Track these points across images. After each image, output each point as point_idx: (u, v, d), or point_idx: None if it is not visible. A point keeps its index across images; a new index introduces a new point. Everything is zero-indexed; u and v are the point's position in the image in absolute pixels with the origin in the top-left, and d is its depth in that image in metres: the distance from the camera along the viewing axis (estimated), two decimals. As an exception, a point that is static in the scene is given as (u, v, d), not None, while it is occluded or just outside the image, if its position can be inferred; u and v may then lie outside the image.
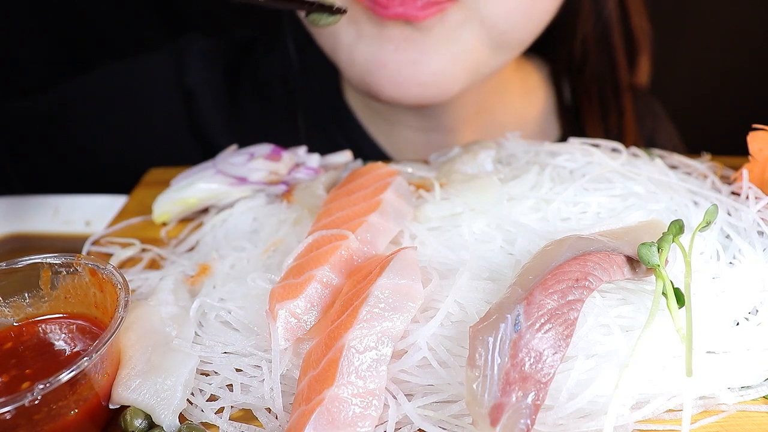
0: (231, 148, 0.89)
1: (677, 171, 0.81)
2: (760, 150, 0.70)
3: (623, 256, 0.54)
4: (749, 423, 0.50)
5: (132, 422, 0.52)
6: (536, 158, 0.80)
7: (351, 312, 0.50)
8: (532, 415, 0.42)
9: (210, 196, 0.82)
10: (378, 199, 0.66)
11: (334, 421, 0.45)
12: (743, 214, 0.66)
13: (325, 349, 0.49)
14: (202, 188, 0.82)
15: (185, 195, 0.82)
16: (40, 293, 0.60)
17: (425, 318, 0.54)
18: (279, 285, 0.58)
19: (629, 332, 0.52)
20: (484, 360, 0.44)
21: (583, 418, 0.48)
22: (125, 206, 0.90)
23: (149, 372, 0.54)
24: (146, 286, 0.70)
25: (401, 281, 0.52)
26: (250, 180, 0.82)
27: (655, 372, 0.50)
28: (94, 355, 0.49)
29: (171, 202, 0.82)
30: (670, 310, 0.49)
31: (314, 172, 0.86)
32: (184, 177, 0.85)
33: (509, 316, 0.46)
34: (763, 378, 0.52)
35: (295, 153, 0.88)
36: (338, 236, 0.61)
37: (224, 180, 0.82)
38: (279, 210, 0.79)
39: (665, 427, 0.49)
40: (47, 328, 0.59)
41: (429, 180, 0.76)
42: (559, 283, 0.48)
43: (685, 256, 0.53)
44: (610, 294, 0.56)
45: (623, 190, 0.70)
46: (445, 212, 0.69)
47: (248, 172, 0.82)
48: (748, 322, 0.55)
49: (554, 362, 0.44)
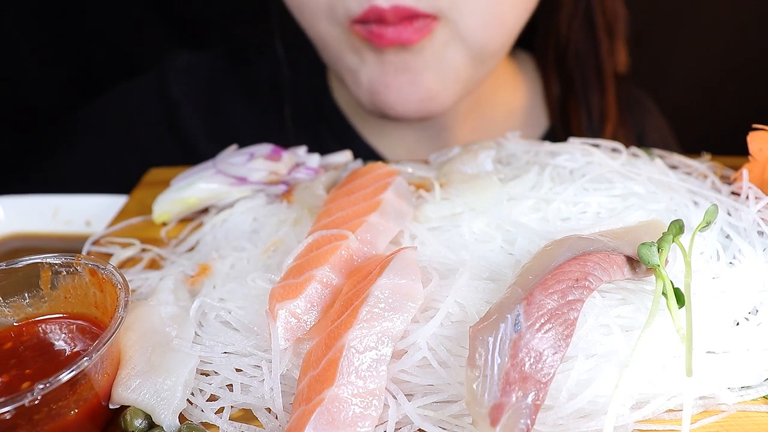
0: (231, 148, 0.89)
1: (677, 171, 0.81)
2: (760, 150, 0.70)
3: (623, 256, 0.54)
4: (749, 423, 0.50)
5: (132, 422, 0.52)
6: (536, 158, 0.80)
7: (351, 312, 0.50)
8: (532, 415, 0.42)
9: (210, 196, 0.82)
10: (378, 199, 0.66)
11: (334, 421, 0.45)
12: (743, 214, 0.66)
13: (325, 349, 0.49)
14: (202, 188, 0.82)
15: (185, 195, 0.82)
16: (40, 293, 0.60)
17: (425, 318, 0.54)
18: (279, 285, 0.58)
19: (629, 332, 0.52)
20: (484, 360, 0.44)
21: (583, 418, 0.48)
22: (125, 206, 0.90)
23: (149, 372, 0.54)
24: (146, 286, 0.70)
25: (401, 281, 0.52)
26: (250, 180, 0.82)
27: (655, 372, 0.50)
28: (94, 355, 0.49)
29: (171, 202, 0.82)
30: (670, 310, 0.49)
31: (314, 172, 0.86)
32: (184, 177, 0.85)
33: (509, 316, 0.46)
34: (763, 378, 0.52)
35: (295, 153, 0.88)
36: (338, 236, 0.61)
37: (224, 180, 0.82)
38: (279, 210, 0.79)
39: (665, 427, 0.49)
40: (47, 328, 0.59)
41: (429, 180, 0.76)
42: (559, 283, 0.48)
43: (685, 256, 0.53)
44: (610, 294, 0.56)
45: (623, 190, 0.70)
46: (445, 212, 0.69)
47: (248, 172, 0.82)
48: (748, 322, 0.55)
49: (554, 362, 0.44)
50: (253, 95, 1.22)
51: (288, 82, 1.18)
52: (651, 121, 1.29)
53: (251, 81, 1.23)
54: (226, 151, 0.88)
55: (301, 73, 1.20)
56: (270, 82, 1.21)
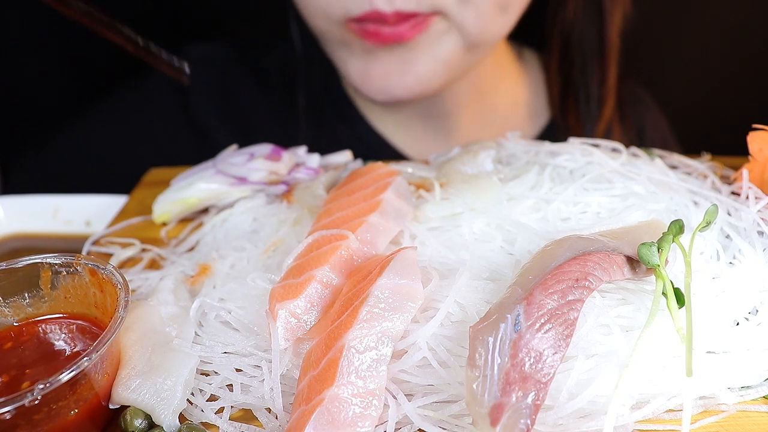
0: (231, 148, 0.89)
1: (677, 171, 0.81)
2: (760, 150, 0.70)
3: (623, 256, 0.54)
4: (749, 423, 0.50)
5: (132, 422, 0.52)
6: (536, 158, 0.80)
7: (351, 312, 0.50)
8: (532, 415, 0.42)
9: (210, 196, 0.82)
10: (378, 199, 0.66)
11: (334, 421, 0.45)
12: (743, 214, 0.66)
13: (325, 349, 0.49)
14: (202, 188, 0.82)
15: (185, 195, 0.82)
16: (40, 293, 0.60)
17: (425, 318, 0.54)
18: (279, 285, 0.58)
19: (629, 332, 0.52)
20: (484, 360, 0.44)
21: (583, 418, 0.48)
22: (125, 206, 0.90)
23: (149, 372, 0.54)
24: (146, 286, 0.70)
25: (401, 281, 0.52)
26: (250, 180, 0.82)
27: (655, 372, 0.50)
28: (94, 355, 0.49)
29: (171, 202, 0.82)
30: (670, 310, 0.49)
31: (314, 172, 0.86)
32: (184, 177, 0.85)
33: (509, 316, 0.46)
34: (763, 378, 0.52)
35: (295, 153, 0.88)
36: (338, 236, 0.61)
37: (224, 180, 0.82)
38: (279, 210, 0.79)
39: (665, 427, 0.49)
40: (47, 328, 0.59)
41: (429, 180, 0.76)
42: (559, 283, 0.48)
43: (685, 256, 0.53)
44: (610, 294, 0.56)
45: (623, 190, 0.70)
46: (445, 212, 0.69)
47: (248, 172, 0.82)
48: (748, 322, 0.55)
49: (554, 362, 0.44)
50: (264, 84, 1.24)
51: (302, 71, 1.19)
52: (650, 118, 1.30)
53: (263, 69, 1.24)
54: (226, 151, 0.88)
55: (313, 62, 1.21)
56: (281, 71, 1.23)
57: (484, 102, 1.20)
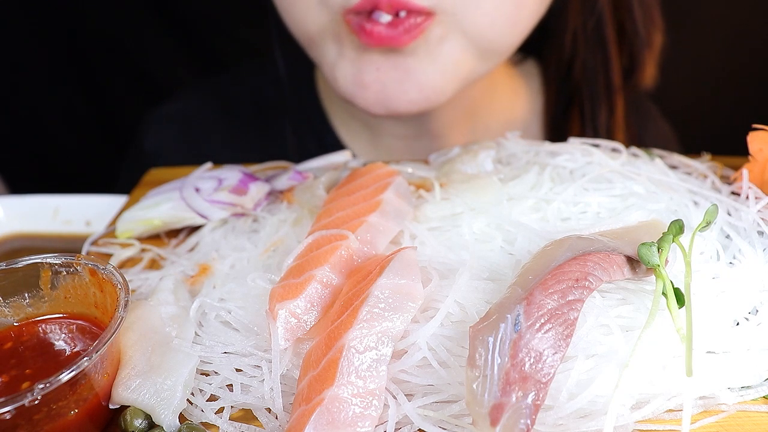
0: (205, 166, 0.87)
1: (677, 171, 0.81)
2: (760, 150, 0.70)
3: (623, 256, 0.54)
4: (749, 423, 0.50)
5: (132, 422, 0.52)
6: (536, 158, 0.80)
7: (351, 312, 0.50)
8: (532, 415, 0.42)
9: (175, 221, 0.79)
10: (378, 199, 0.66)
11: (334, 421, 0.45)
12: (743, 214, 0.66)
13: (325, 349, 0.49)
14: (167, 211, 0.78)
15: (150, 215, 0.78)
16: (40, 293, 0.60)
17: (425, 318, 0.54)
18: (279, 285, 0.58)
19: (629, 332, 0.52)
20: (484, 360, 0.44)
21: (583, 418, 0.48)
22: (125, 206, 0.90)
23: (149, 372, 0.54)
24: (146, 286, 0.70)
25: (401, 281, 0.52)
26: (210, 219, 0.79)
27: (655, 372, 0.50)
28: (94, 355, 0.49)
29: (135, 221, 0.79)
30: (670, 310, 0.49)
31: (301, 178, 0.84)
32: (153, 195, 0.81)
33: (509, 316, 0.46)
34: (763, 378, 0.52)
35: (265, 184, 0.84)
36: (338, 236, 0.61)
37: (187, 208, 0.79)
38: (279, 210, 0.79)
39: (665, 427, 0.49)
40: (47, 328, 0.59)
41: (429, 180, 0.76)
42: (559, 283, 0.48)
43: (685, 256, 0.53)
44: (610, 294, 0.56)
45: (623, 190, 0.70)
46: (445, 212, 0.69)
47: (209, 210, 0.78)
48: (748, 322, 0.55)
49: (554, 362, 0.44)
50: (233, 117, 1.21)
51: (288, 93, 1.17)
52: (653, 126, 1.27)
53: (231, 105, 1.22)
54: (199, 170, 0.85)
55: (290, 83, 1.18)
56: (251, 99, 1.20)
57: (476, 122, 1.13)
